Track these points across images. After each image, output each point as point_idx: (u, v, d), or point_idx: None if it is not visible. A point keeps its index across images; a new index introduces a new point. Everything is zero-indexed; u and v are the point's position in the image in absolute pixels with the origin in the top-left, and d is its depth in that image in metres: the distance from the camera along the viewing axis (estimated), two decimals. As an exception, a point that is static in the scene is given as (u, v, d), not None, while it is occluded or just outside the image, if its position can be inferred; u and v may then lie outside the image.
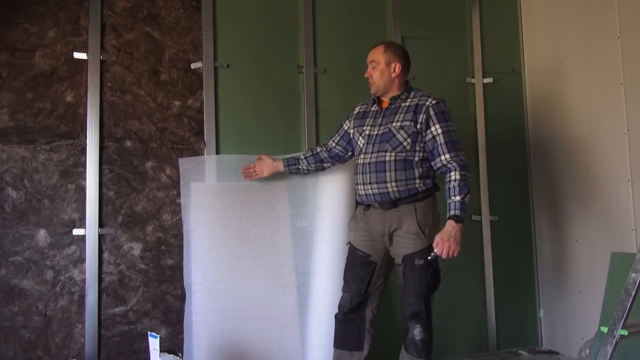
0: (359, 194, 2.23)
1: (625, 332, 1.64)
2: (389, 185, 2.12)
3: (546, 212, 3.08)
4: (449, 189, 2.10)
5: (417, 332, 2.13)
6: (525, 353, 2.95)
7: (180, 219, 2.50)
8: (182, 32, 2.62)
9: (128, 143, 2.50)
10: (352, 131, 2.33)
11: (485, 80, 3.14)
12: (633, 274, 1.63)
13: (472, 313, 3.00)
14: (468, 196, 2.10)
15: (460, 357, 2.91)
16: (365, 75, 2.27)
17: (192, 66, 2.61)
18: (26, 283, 2.30)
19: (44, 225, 2.34)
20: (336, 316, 2.29)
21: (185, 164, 2.51)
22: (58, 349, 2.31)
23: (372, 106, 2.31)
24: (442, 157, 2.12)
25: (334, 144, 2.41)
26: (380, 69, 2.22)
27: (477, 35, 3.15)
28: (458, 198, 2.08)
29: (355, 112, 2.36)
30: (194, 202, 2.46)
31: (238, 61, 2.68)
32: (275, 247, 2.46)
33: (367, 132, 2.23)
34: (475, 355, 2.93)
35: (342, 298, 2.28)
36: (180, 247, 2.49)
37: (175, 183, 2.53)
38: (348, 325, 2.25)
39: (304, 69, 2.78)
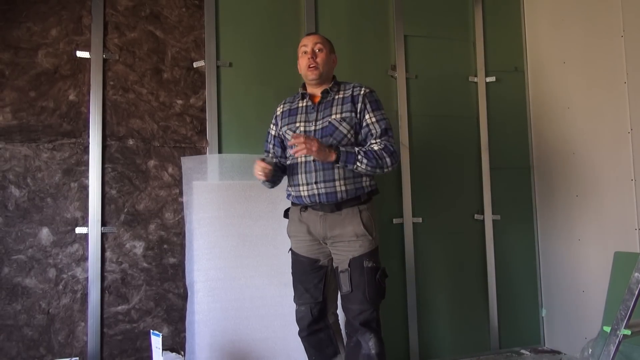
0: (298, 196, 2.04)
1: (628, 332, 1.63)
2: (337, 183, 1.97)
3: (549, 211, 3.07)
4: (368, 150, 1.97)
5: (372, 344, 1.93)
6: (527, 352, 2.95)
7: (183, 218, 2.50)
8: (185, 31, 2.62)
9: (130, 142, 2.50)
10: (281, 132, 2.14)
11: (488, 79, 3.13)
12: (636, 274, 1.62)
13: (474, 312, 3.00)
14: (364, 165, 1.93)
15: (463, 356, 2.91)
16: (308, 58, 2.08)
17: (195, 65, 2.62)
18: (29, 281, 2.30)
19: (47, 223, 2.35)
20: (300, 334, 2.13)
21: (187, 162, 2.51)
22: (61, 347, 2.32)
23: (299, 102, 2.13)
24: (373, 140, 2.02)
25: (274, 158, 2.18)
26: (326, 55, 2.10)
27: (479, 34, 3.15)
28: (362, 154, 1.94)
29: (278, 112, 2.19)
30: (196, 200, 2.47)
31: (240, 60, 2.68)
32: (277, 245, 2.46)
33: (301, 128, 2.06)
34: (477, 355, 2.93)
35: (298, 312, 2.10)
36: (182, 246, 2.50)
37: (177, 182, 2.53)
38: (316, 337, 2.11)
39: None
